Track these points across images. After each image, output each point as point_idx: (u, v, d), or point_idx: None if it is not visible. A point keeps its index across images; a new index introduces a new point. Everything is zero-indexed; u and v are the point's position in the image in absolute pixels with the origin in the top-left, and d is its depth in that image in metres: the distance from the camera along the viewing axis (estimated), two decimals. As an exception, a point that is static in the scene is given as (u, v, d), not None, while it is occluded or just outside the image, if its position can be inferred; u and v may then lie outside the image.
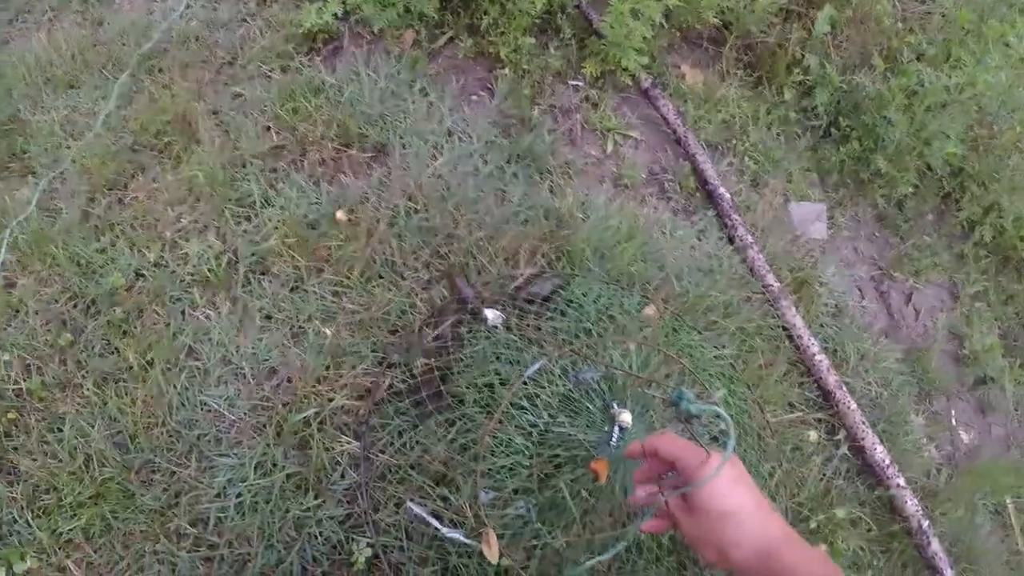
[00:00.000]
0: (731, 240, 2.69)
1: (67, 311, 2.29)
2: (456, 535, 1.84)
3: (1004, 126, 3.10)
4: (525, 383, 1.86)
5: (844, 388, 2.45)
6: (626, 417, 1.71)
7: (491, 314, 2.07)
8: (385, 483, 1.96)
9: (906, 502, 2.30)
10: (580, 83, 2.98)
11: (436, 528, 1.86)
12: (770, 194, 2.86)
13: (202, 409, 2.09)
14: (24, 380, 2.16)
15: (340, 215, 2.37)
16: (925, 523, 2.27)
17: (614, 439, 1.71)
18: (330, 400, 2.05)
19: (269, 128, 2.64)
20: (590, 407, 1.87)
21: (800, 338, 2.52)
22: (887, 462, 2.35)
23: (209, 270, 2.29)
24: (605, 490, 1.77)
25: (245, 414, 2.07)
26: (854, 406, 2.41)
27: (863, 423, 2.39)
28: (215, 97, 2.75)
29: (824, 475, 2.33)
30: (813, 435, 2.38)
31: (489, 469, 1.86)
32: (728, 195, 2.74)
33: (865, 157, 3.03)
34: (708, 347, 2.32)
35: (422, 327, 2.12)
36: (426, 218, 2.41)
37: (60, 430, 2.08)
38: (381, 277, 2.29)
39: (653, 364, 2.03)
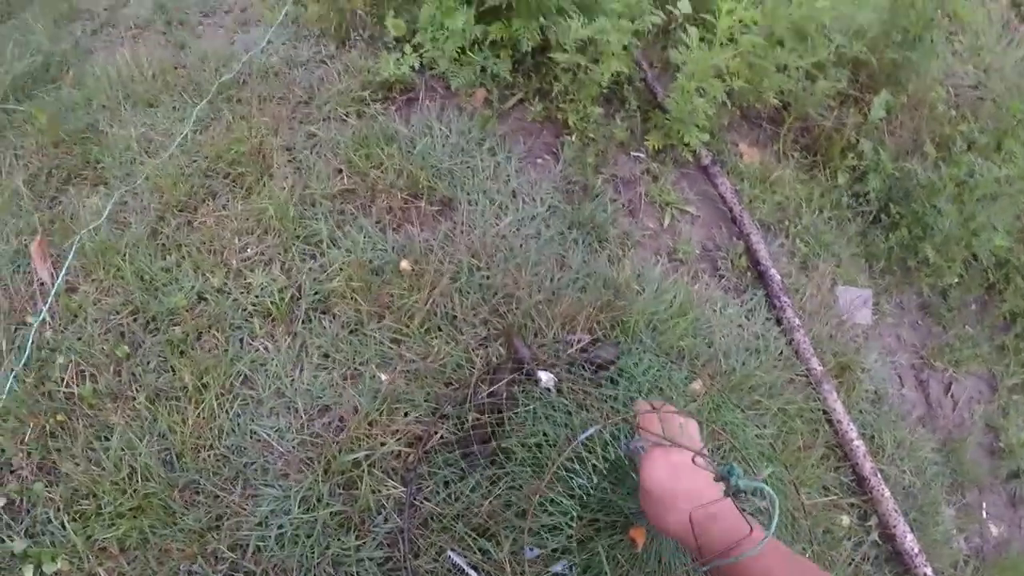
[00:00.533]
0: (779, 321, 2.74)
1: (127, 324, 2.35)
2: (493, 590, 1.87)
3: None
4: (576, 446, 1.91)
5: (879, 475, 2.47)
6: None
7: (545, 376, 2.12)
8: (427, 531, 2.00)
9: (933, 592, 2.33)
10: (642, 155, 3.07)
11: (473, 580, 1.89)
12: (819, 277, 2.91)
13: (252, 437, 2.13)
14: (76, 385, 2.21)
15: (404, 264, 2.43)
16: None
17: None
18: (381, 444, 2.09)
19: (341, 171, 2.72)
20: (633, 476, 1.92)
21: (839, 423, 2.55)
22: (916, 551, 2.37)
23: (272, 302, 2.35)
24: (641, 558, 1.80)
25: (294, 447, 2.11)
26: (887, 493, 2.44)
27: (895, 511, 2.41)
28: (290, 134, 2.84)
29: (854, 560, 2.36)
30: (846, 519, 2.40)
31: (530, 527, 1.90)
32: (779, 276, 2.79)
33: (913, 245, 3.07)
34: (750, 425, 2.35)
35: (477, 382, 2.16)
36: (487, 276, 2.47)
37: (107, 439, 2.12)
38: (440, 329, 2.34)
39: (702, 438, 2.07)
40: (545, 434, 2.07)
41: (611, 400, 2.18)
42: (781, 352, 2.65)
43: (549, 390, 2.12)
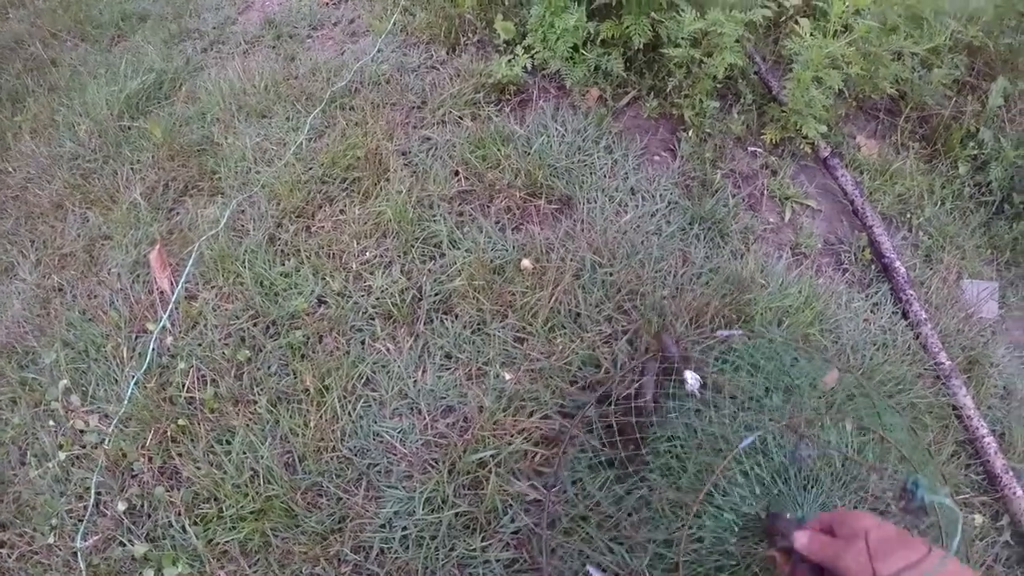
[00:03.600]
0: (905, 315, 2.66)
1: (247, 328, 2.40)
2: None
3: None
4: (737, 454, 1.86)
5: (1011, 473, 2.37)
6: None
7: (691, 377, 2.07)
8: (556, 532, 1.97)
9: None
10: (760, 149, 3.03)
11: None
12: (944, 270, 2.82)
13: (375, 439, 2.15)
14: (198, 390, 2.27)
15: (526, 263, 2.43)
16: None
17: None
18: (508, 444, 2.08)
19: (457, 172, 2.76)
20: (777, 489, 1.86)
21: (969, 419, 2.45)
22: None
23: (393, 304, 2.38)
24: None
25: (418, 448, 2.12)
26: (1020, 492, 2.33)
27: None
28: (405, 138, 2.89)
29: (984, 560, 2.25)
30: (978, 518, 2.30)
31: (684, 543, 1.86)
32: (903, 269, 2.71)
33: None
34: (898, 423, 2.28)
35: (620, 382, 2.13)
36: (610, 272, 2.45)
37: (229, 443, 2.18)
38: (564, 327, 2.33)
39: (868, 448, 1.99)
40: (698, 440, 2.02)
41: (754, 404, 2.12)
42: (908, 346, 2.57)
43: (695, 393, 2.08)
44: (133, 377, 2.31)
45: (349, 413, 2.19)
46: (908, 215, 2.98)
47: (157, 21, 3.99)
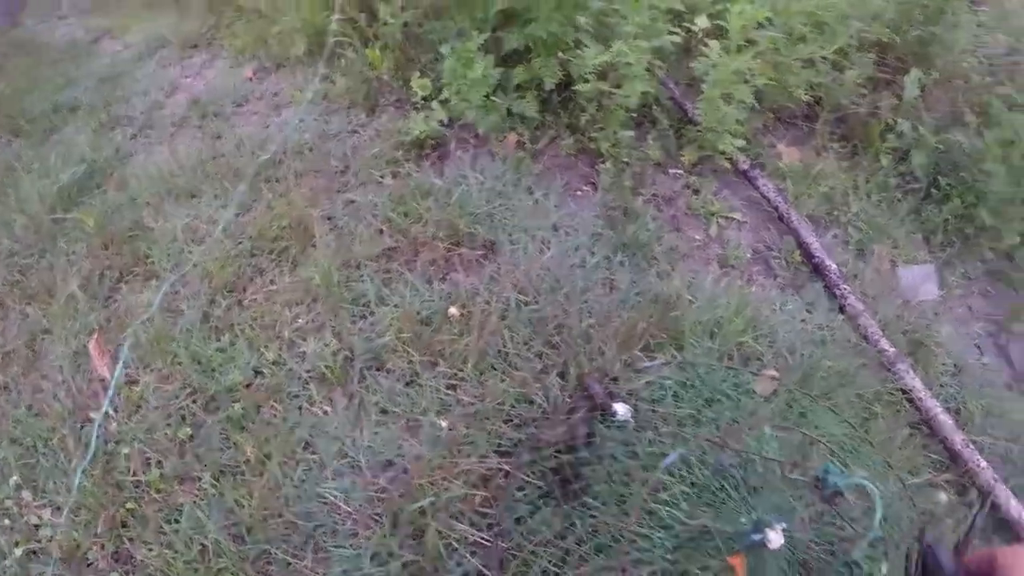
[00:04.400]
0: (842, 309, 2.73)
1: (187, 406, 2.43)
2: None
3: None
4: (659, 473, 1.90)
5: (972, 446, 2.41)
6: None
7: (621, 408, 2.12)
8: (505, 571, 1.99)
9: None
10: (680, 171, 3.12)
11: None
12: (877, 261, 2.89)
13: (318, 501, 2.16)
14: (143, 472, 2.29)
15: (453, 310, 2.48)
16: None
17: (756, 536, 1.73)
18: (446, 489, 2.10)
19: (382, 231, 2.81)
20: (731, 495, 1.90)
21: (920, 400, 2.51)
22: (1023, 516, 2.29)
23: (326, 367, 2.41)
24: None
25: (361, 505, 2.14)
26: (984, 464, 2.37)
27: (994, 480, 2.34)
28: (329, 203, 2.95)
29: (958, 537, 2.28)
30: (943, 496, 2.34)
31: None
32: (835, 266, 2.80)
33: (968, 213, 3.06)
34: (830, 417, 2.32)
35: (548, 420, 2.18)
36: (536, 309, 2.51)
37: (177, 521, 2.18)
38: (494, 368, 2.38)
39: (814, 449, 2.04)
40: (627, 472, 2.06)
41: (689, 421, 2.17)
42: (849, 339, 2.63)
43: (627, 421, 2.12)
44: (80, 467, 2.33)
45: (291, 478, 2.21)
46: (835, 213, 3.07)
47: (88, 111, 4.05)
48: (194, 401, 2.43)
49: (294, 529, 2.13)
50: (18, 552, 2.21)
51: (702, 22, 2.98)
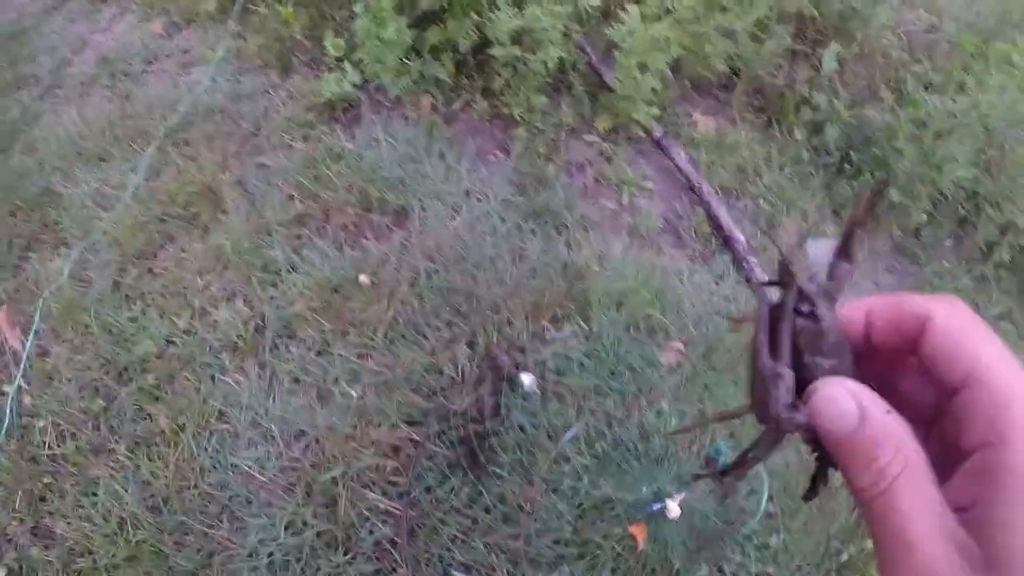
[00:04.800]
0: (748, 280, 2.80)
1: (100, 378, 2.44)
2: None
3: (1014, 143, 3.15)
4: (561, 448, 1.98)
5: None
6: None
7: (527, 379, 2.18)
8: (415, 539, 2.06)
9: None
10: (594, 137, 3.14)
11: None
12: (786, 234, 2.97)
13: (233, 471, 2.21)
14: (59, 446, 2.30)
15: (363, 278, 2.51)
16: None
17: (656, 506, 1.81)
18: (357, 459, 2.16)
19: (293, 196, 2.82)
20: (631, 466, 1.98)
21: None
22: None
23: (238, 336, 2.44)
24: (645, 555, 1.86)
25: (275, 475, 2.19)
26: None
27: None
28: (240, 168, 2.93)
29: (854, 508, 2.40)
30: None
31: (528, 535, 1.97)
32: (743, 238, 2.86)
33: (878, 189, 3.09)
34: (731, 388, 2.40)
35: (456, 390, 2.24)
36: (446, 278, 2.54)
37: (95, 494, 2.21)
38: (404, 338, 2.42)
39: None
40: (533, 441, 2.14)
41: (591, 393, 2.24)
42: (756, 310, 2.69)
43: (533, 392, 2.19)
44: (-6, 441, 2.34)
45: (206, 449, 2.24)
46: (747, 185, 3.13)
47: (-8, 70, 3.95)
48: (107, 372, 2.44)
49: (210, 500, 2.18)
50: (-68, 528, 2.23)
51: None
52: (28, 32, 4.14)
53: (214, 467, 2.22)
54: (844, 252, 0.56)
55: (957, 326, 0.49)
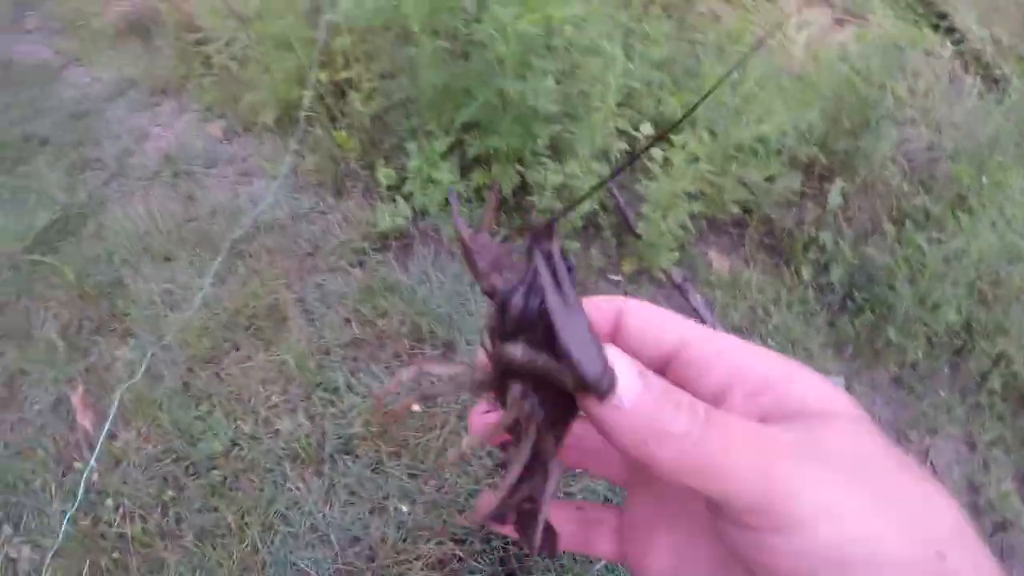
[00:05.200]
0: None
1: (170, 469, 2.74)
2: None
3: (1006, 277, 3.28)
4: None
5: None
6: None
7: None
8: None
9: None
10: (619, 279, 3.48)
11: None
12: None
13: (292, 568, 2.51)
14: (128, 525, 2.60)
15: (416, 407, 2.85)
16: None
17: None
18: (408, 569, 2.48)
19: (350, 321, 3.16)
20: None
21: None
22: None
23: (300, 447, 2.76)
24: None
25: (330, 576, 2.51)
26: None
27: None
28: (300, 286, 3.29)
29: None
30: None
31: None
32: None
33: (878, 326, 3.33)
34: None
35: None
36: (489, 412, 2.88)
37: (159, 574, 2.49)
38: (452, 464, 2.76)
39: None
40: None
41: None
42: None
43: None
44: (66, 513, 2.62)
45: (268, 545, 2.54)
46: (757, 324, 3.40)
47: (57, 147, 4.26)
48: (176, 464, 2.75)
49: (269, 593, 2.49)
50: (-7, 585, 2.52)
51: (646, 129, 3.32)
52: (91, 115, 4.51)
53: (274, 563, 2.52)
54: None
55: (653, 310, 0.54)
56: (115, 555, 2.53)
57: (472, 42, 3.38)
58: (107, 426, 2.83)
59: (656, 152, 3.21)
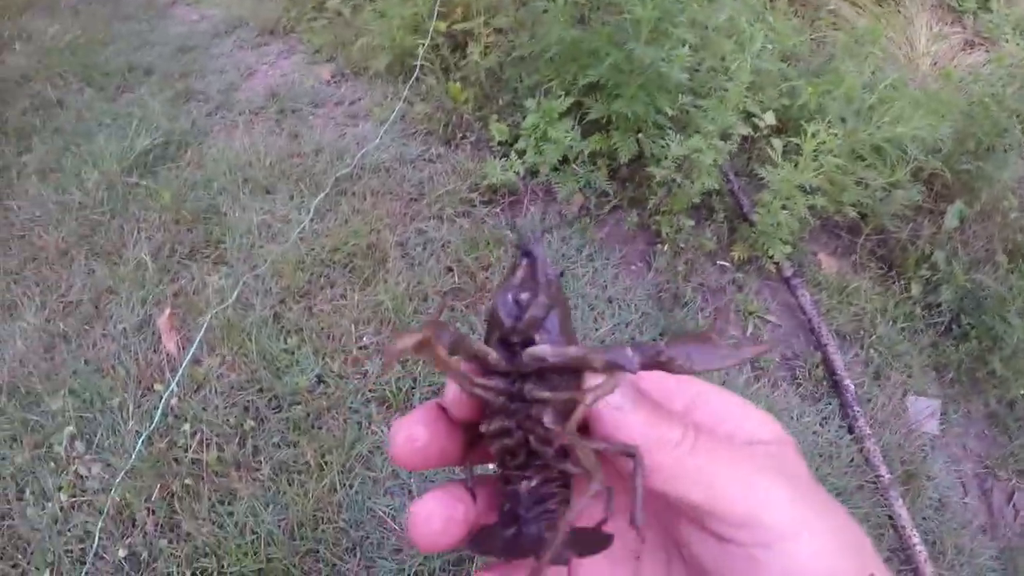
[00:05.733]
0: (851, 429, 2.94)
1: (252, 400, 2.66)
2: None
3: None
4: None
5: None
6: None
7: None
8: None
9: None
10: (728, 264, 3.35)
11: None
12: (890, 387, 3.11)
13: (369, 514, 2.41)
14: (204, 452, 2.52)
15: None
16: None
17: None
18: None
19: (451, 269, 3.06)
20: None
21: (903, 528, 2.72)
22: None
23: (389, 391, 2.66)
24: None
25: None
26: None
27: None
28: (402, 229, 3.19)
29: None
30: None
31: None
32: (852, 386, 3.01)
33: (982, 356, 3.20)
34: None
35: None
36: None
37: (231, 504, 2.42)
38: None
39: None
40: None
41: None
42: (852, 459, 2.86)
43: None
44: (140, 434, 2.55)
45: (347, 488, 2.45)
46: (861, 333, 3.27)
47: (162, 77, 4.25)
48: (260, 394, 2.66)
49: (343, 534, 2.37)
50: (62, 497, 2.43)
51: (769, 119, 3.21)
52: (197, 49, 4.49)
53: (351, 506, 2.42)
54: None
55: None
56: (187, 481, 2.45)
57: (611, 1, 3.27)
58: (192, 349, 2.76)
59: (776, 142, 3.11)
